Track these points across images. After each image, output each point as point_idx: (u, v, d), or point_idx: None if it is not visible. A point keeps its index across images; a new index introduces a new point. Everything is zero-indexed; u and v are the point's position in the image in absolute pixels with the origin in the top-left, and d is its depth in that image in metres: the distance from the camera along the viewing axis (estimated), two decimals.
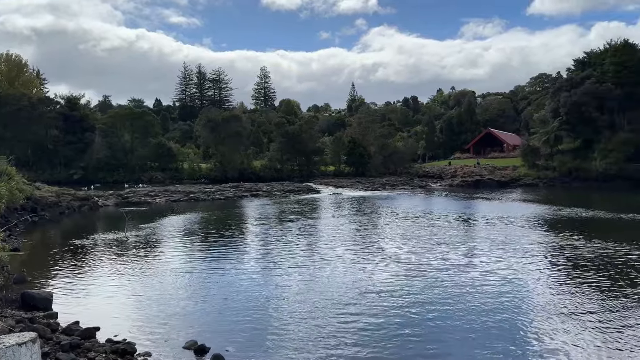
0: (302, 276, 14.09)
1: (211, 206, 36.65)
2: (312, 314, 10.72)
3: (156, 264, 16.14)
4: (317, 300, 11.68)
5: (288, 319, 10.46)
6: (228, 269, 15.35)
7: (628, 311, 10.60)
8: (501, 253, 16.97)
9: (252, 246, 19.68)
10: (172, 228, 24.77)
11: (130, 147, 68.44)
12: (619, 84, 56.28)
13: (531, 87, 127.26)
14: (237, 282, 13.67)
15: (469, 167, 66.96)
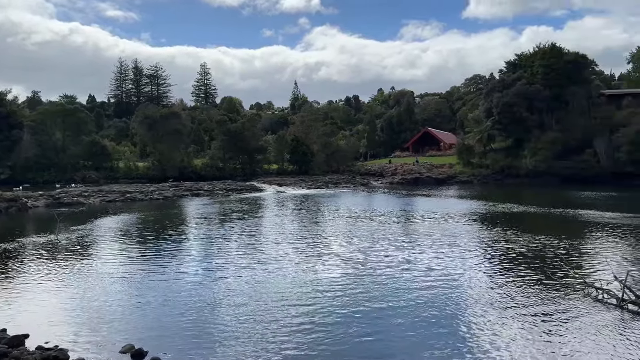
0: (245, 277, 13.90)
1: (149, 206, 35.47)
2: (255, 315, 10.59)
3: (90, 268, 15.40)
4: (260, 301, 11.55)
5: (230, 321, 10.28)
6: (167, 271, 14.89)
7: (557, 302, 11.22)
8: (440, 249, 17.51)
9: (192, 247, 19.19)
10: (107, 230, 23.73)
11: (62, 145, 64.96)
12: (547, 85, 59.61)
13: (466, 87, 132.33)
14: (177, 285, 13.28)
15: (408, 165, 68.66)
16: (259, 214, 29.88)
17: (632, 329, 9.40)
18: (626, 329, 9.42)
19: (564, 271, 13.48)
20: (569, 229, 22.45)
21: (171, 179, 58.42)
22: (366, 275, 13.73)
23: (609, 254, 16.11)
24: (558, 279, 13.02)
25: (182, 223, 26.30)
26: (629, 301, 10.58)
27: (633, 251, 16.78)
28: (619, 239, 19.13)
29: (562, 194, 40.97)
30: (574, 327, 9.55)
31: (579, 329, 9.48)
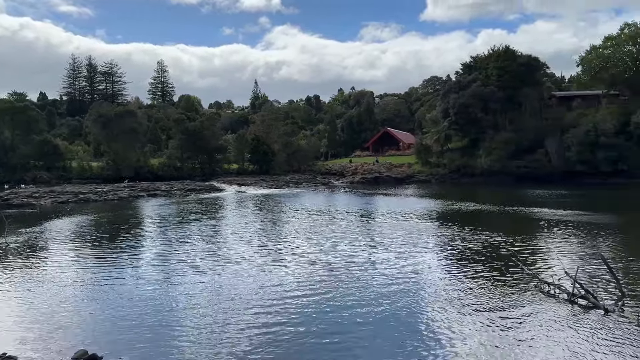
0: (204, 279, 13.66)
1: (103, 207, 34.39)
2: (214, 318, 10.41)
3: (41, 272, 14.76)
4: (220, 304, 11.38)
5: (189, 325, 10.07)
6: (123, 275, 14.45)
7: (512, 297, 11.56)
8: (400, 248, 17.74)
9: (149, 250, 18.70)
10: (59, 232, 22.83)
11: (11, 144, 62.11)
12: (501, 87, 61.45)
13: (424, 89, 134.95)
14: (133, 289, 12.90)
15: (368, 165, 69.37)
16: (219, 214, 29.47)
17: (582, 323, 9.79)
18: (576, 323, 9.80)
19: (518, 268, 13.91)
20: (522, 226, 23.21)
21: (127, 179, 56.87)
22: (328, 275, 13.75)
23: (561, 251, 16.74)
24: (513, 275, 13.42)
25: (138, 225, 25.61)
26: (579, 296, 11.01)
27: (583, 247, 17.50)
28: (570, 236, 19.93)
29: (516, 192, 42.34)
30: (527, 322, 9.86)
31: (532, 323, 9.79)
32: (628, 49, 58.69)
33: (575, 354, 8.34)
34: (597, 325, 9.60)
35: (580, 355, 8.27)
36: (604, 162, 52.84)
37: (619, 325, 9.55)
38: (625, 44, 58.63)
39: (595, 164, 53.33)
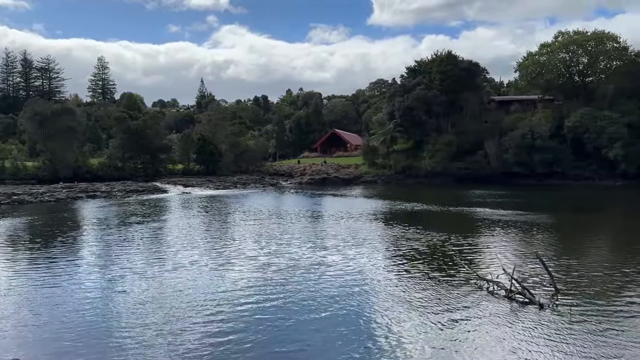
0: (149, 285, 13.23)
1: (39, 209, 32.64)
2: (159, 327, 10.08)
3: None
4: (165, 312, 11.04)
5: (131, 333, 9.71)
6: (60, 281, 13.76)
7: (454, 295, 11.92)
8: (347, 248, 17.90)
9: (89, 255, 17.89)
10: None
11: None
12: (444, 90, 63.42)
13: (371, 91, 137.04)
14: (71, 296, 12.30)
15: (316, 166, 69.66)
16: (163, 216, 28.67)
17: (519, 319, 10.23)
18: (513, 319, 10.23)
19: (460, 266, 14.38)
20: (464, 226, 24.02)
21: (62, 180, 54.24)
22: (277, 279, 13.66)
23: (499, 249, 17.46)
24: (455, 273, 13.85)
25: (76, 228, 24.47)
26: (516, 292, 11.50)
27: (520, 245, 18.33)
28: (508, 235, 20.83)
29: (458, 192, 43.79)
30: (468, 319, 10.19)
31: (473, 320, 10.14)
32: (562, 56, 62.04)
33: (513, 348, 8.70)
34: (532, 320, 10.06)
35: (517, 350, 8.63)
36: (539, 164, 55.59)
37: (553, 320, 10.05)
38: (559, 51, 61.95)
39: (531, 166, 56.01)
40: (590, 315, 10.28)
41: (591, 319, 10.01)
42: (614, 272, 13.95)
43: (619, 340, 8.97)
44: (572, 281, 12.94)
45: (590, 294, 11.84)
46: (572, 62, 62.27)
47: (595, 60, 60.99)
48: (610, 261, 15.76)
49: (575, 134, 55.08)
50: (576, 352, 8.45)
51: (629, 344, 8.75)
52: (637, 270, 14.03)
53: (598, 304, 11.06)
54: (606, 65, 61.22)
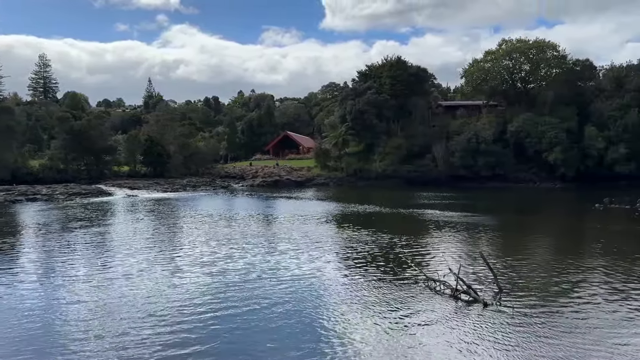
0: (94, 294, 12.72)
1: None
2: (110, 337, 9.72)
3: None
4: (112, 323, 10.65)
5: (79, 345, 9.30)
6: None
7: (404, 295, 12.15)
8: (299, 251, 17.90)
9: (28, 262, 16.99)
10: None
11: None
12: (393, 95, 64.73)
13: (323, 94, 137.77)
14: (10, 307, 11.65)
15: (269, 168, 69.34)
16: (108, 221, 27.66)
17: (464, 316, 10.56)
18: (459, 317, 10.55)
19: (409, 267, 14.68)
20: (413, 227, 24.56)
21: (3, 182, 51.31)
22: (229, 283, 13.46)
23: (446, 249, 17.96)
24: (404, 274, 14.13)
25: (14, 233, 23.20)
26: (462, 291, 11.87)
27: (465, 245, 18.93)
28: (455, 236, 21.46)
29: (407, 195, 44.72)
30: (416, 318, 10.42)
31: (420, 319, 10.37)
32: (505, 63, 64.68)
33: (458, 346, 8.96)
34: (477, 318, 10.40)
35: (462, 347, 8.89)
36: (483, 167, 57.71)
37: (496, 317, 10.43)
38: (502, 58, 64.54)
39: (476, 169, 58.07)
40: (531, 312, 10.73)
41: (532, 316, 10.46)
42: (554, 270, 14.65)
43: (559, 335, 9.41)
44: (514, 280, 13.48)
45: (531, 292, 12.37)
46: (514, 69, 65.02)
47: (537, 68, 63.96)
48: (550, 260, 16.55)
49: (518, 139, 57.54)
50: (518, 348, 8.80)
51: (569, 339, 9.20)
52: (574, 269, 14.80)
53: (539, 301, 11.57)
54: (546, 72, 64.33)
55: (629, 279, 13.44)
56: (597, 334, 9.39)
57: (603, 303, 11.35)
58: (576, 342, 9.02)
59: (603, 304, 11.31)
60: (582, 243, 21.07)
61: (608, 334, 9.34)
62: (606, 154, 55.17)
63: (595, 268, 14.90)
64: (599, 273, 14.24)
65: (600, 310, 10.83)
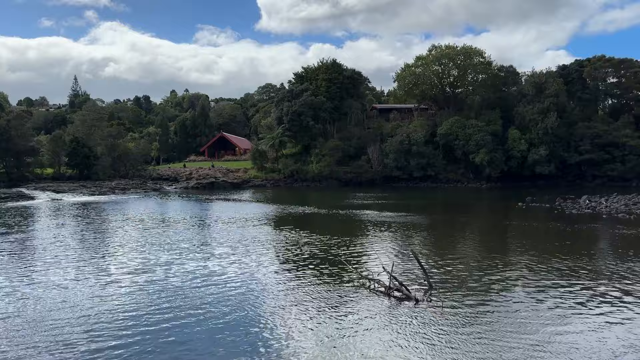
0: (15, 304, 11.92)
1: None
2: (34, 352, 9.14)
3: None
4: (41, 334, 10.03)
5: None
6: None
7: (340, 295, 12.32)
8: (236, 254, 17.68)
9: None
10: None
11: None
12: (329, 97, 65.55)
13: (259, 95, 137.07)
14: None
15: (204, 170, 68.01)
16: (31, 227, 25.99)
17: (396, 313, 10.87)
18: (391, 314, 10.86)
19: (345, 266, 14.91)
20: (349, 228, 24.95)
21: None
22: (164, 290, 13.04)
23: (381, 248, 18.40)
24: (340, 274, 14.34)
25: None
26: (395, 289, 12.21)
27: (399, 244, 19.49)
28: (389, 235, 22.03)
29: (343, 196, 45.37)
30: (351, 316, 10.62)
31: (355, 317, 10.57)
32: (435, 68, 67.19)
33: (391, 343, 9.21)
34: (408, 314, 10.75)
35: (394, 343, 9.16)
36: (416, 168, 59.76)
37: (426, 313, 10.82)
38: (432, 64, 67.01)
39: (408, 170, 60.03)
40: (459, 307, 11.23)
41: (460, 311, 10.95)
42: (481, 267, 15.41)
43: (485, 328, 9.91)
44: (444, 277, 14.05)
45: (460, 288, 12.94)
46: (444, 74, 67.74)
47: (464, 73, 66.99)
48: (478, 257, 17.38)
49: (447, 141, 60.00)
50: (447, 342, 9.18)
51: (494, 332, 9.70)
52: (500, 265, 15.63)
53: (467, 297, 12.12)
54: (473, 78, 67.54)
55: (550, 275, 14.36)
56: (520, 328, 9.96)
57: (526, 298, 12.07)
58: (500, 336, 9.53)
59: (526, 298, 12.02)
60: (507, 240, 22.30)
61: (530, 328, 9.93)
62: (528, 155, 58.72)
63: (519, 264, 15.82)
64: (523, 269, 15.13)
65: (524, 305, 11.50)
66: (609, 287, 12.78)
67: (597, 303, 11.41)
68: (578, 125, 61.45)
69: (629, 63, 66.62)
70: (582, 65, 67.13)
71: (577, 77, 66.33)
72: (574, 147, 60.89)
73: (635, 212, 29.85)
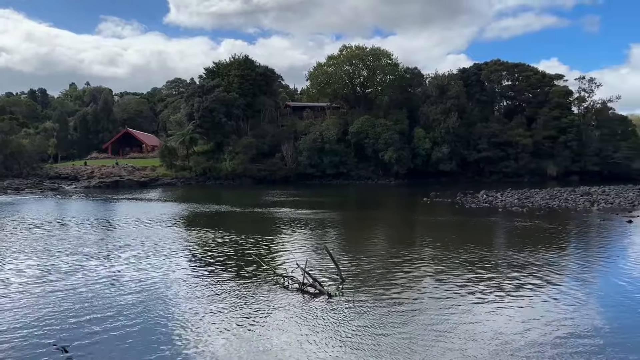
0: None
1: None
2: None
3: None
4: None
5: None
6: None
7: (255, 293, 12.23)
8: (148, 257, 16.88)
9: None
10: None
11: None
12: (242, 94, 64.79)
13: (168, 90, 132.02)
14: None
15: (107, 168, 64.43)
16: None
17: (310, 309, 11.01)
18: (305, 309, 10.98)
19: (259, 265, 14.82)
20: (263, 226, 24.85)
21: None
22: (66, 297, 12.05)
23: (295, 245, 18.53)
24: (255, 272, 14.23)
25: None
26: (309, 285, 12.36)
27: (312, 241, 19.74)
28: (303, 231, 22.25)
29: (257, 194, 45.11)
30: (265, 314, 10.59)
31: (268, 315, 10.56)
32: (346, 68, 68.83)
33: (304, 337, 9.30)
34: (322, 309, 10.93)
35: (308, 338, 9.26)
36: (329, 166, 60.95)
37: (339, 306, 11.07)
38: (343, 64, 68.58)
39: (322, 167, 61.06)
40: (371, 299, 11.61)
41: (372, 303, 11.32)
42: (391, 260, 16.03)
43: (395, 319, 10.33)
44: (356, 271, 14.44)
45: (371, 281, 13.38)
46: (354, 74, 69.62)
47: (374, 74, 69.31)
48: (388, 250, 18.08)
49: (358, 139, 61.81)
50: (359, 334, 9.45)
51: (403, 325, 10.14)
52: (409, 258, 16.36)
53: (377, 289, 12.56)
54: (382, 78, 70.10)
55: (453, 266, 15.25)
56: (426, 319, 10.48)
57: (432, 289, 12.72)
58: (407, 328, 9.97)
59: (432, 289, 12.68)
60: (414, 234, 23.42)
61: (436, 319, 10.46)
62: (432, 153, 62.08)
63: (426, 256, 16.66)
64: (429, 261, 15.95)
65: (430, 296, 12.12)
66: (506, 277, 13.83)
67: (496, 292, 12.30)
68: (477, 125, 66.06)
69: (522, 67, 72.81)
70: (480, 68, 72.25)
71: (475, 79, 71.29)
72: (473, 145, 65.37)
73: (527, 205, 32.65)
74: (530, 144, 65.14)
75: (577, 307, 10.96)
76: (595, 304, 11.36)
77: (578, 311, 10.71)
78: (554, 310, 10.81)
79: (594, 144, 67.30)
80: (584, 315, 10.44)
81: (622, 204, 32.18)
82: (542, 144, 65.91)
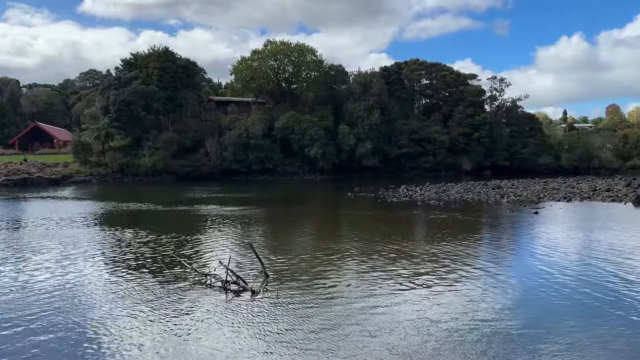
0: None
1: None
2: None
3: None
4: None
5: None
6: None
7: (176, 293, 11.88)
8: (59, 258, 15.84)
9: None
10: None
11: None
12: (162, 87, 62.52)
13: (82, 82, 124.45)
14: None
15: (14, 165, 59.82)
16: None
17: (233, 307, 10.89)
18: (228, 307, 10.84)
19: (181, 264, 14.39)
20: (185, 224, 24.18)
21: None
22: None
23: (218, 243, 18.23)
24: (176, 271, 13.81)
25: None
26: (232, 282, 12.20)
27: (237, 238, 19.51)
28: (227, 229, 21.92)
29: (180, 191, 43.82)
30: (187, 314, 10.33)
31: (191, 314, 10.31)
32: (270, 63, 68.50)
33: (228, 335, 9.19)
34: (245, 306, 10.84)
35: (231, 336, 9.15)
36: (254, 162, 60.49)
37: (263, 303, 11.02)
38: (268, 58, 68.20)
39: (247, 163, 60.49)
40: (295, 295, 11.66)
41: (295, 299, 11.37)
42: (316, 255, 16.18)
43: (319, 314, 10.45)
44: (281, 267, 14.45)
45: (295, 277, 13.43)
46: (279, 69, 69.50)
47: (299, 70, 69.59)
48: (313, 245, 18.25)
49: (284, 135, 61.84)
50: (283, 330, 9.47)
51: (328, 320, 10.26)
52: (334, 252, 16.60)
53: (302, 285, 12.64)
54: (307, 75, 70.53)
55: (377, 259, 15.65)
56: (353, 312, 10.70)
57: (357, 282, 13.00)
58: (332, 322, 10.11)
59: (357, 282, 12.96)
60: (339, 228, 23.83)
61: (363, 311, 10.71)
62: (356, 149, 63.46)
63: (350, 250, 16.96)
64: (354, 255, 16.26)
65: (354, 290, 12.36)
66: (429, 268, 14.37)
67: (418, 284, 12.79)
68: (397, 122, 68.41)
69: (439, 67, 76.28)
70: (401, 67, 74.85)
71: (396, 78, 73.75)
72: (394, 141, 67.63)
73: (444, 199, 34.28)
74: (447, 140, 68.48)
75: (493, 292, 11.69)
76: (508, 288, 12.15)
77: (494, 296, 11.42)
78: (474, 296, 11.45)
79: (505, 140, 72.00)
80: (499, 299, 11.15)
81: (529, 197, 34.67)
82: (458, 140, 69.50)
